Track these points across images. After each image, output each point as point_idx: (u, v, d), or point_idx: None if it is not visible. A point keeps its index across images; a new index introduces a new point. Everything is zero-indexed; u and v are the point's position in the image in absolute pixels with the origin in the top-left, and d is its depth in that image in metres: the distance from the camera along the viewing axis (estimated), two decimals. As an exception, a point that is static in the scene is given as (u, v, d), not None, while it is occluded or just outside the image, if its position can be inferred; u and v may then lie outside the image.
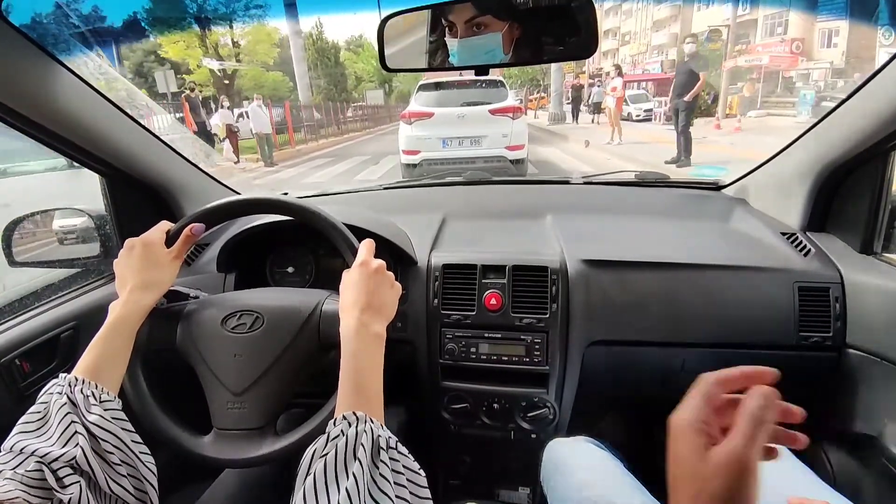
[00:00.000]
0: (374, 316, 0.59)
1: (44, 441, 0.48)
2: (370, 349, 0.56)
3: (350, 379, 0.53)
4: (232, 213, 0.72)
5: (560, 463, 0.78)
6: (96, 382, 0.54)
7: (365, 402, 0.51)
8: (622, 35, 31.34)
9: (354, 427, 0.45)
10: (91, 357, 0.57)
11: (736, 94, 14.37)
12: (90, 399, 0.53)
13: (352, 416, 0.47)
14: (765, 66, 16.07)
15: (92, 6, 14.17)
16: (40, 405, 0.51)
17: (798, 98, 13.15)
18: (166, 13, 15.06)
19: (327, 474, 0.42)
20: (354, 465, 0.42)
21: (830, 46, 15.99)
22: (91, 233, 1.04)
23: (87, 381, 0.54)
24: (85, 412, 0.51)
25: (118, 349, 0.59)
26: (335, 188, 1.49)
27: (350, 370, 0.54)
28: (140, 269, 0.64)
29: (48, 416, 0.51)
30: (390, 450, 0.45)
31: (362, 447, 0.43)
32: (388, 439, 0.46)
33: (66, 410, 0.50)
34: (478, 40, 0.73)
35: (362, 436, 0.44)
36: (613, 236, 1.08)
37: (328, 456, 0.43)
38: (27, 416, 0.51)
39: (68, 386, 0.53)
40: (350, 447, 0.43)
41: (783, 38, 17.17)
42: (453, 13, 0.73)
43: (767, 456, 0.40)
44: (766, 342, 0.91)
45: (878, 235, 0.93)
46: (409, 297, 0.97)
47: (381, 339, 0.58)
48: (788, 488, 0.64)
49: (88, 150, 0.88)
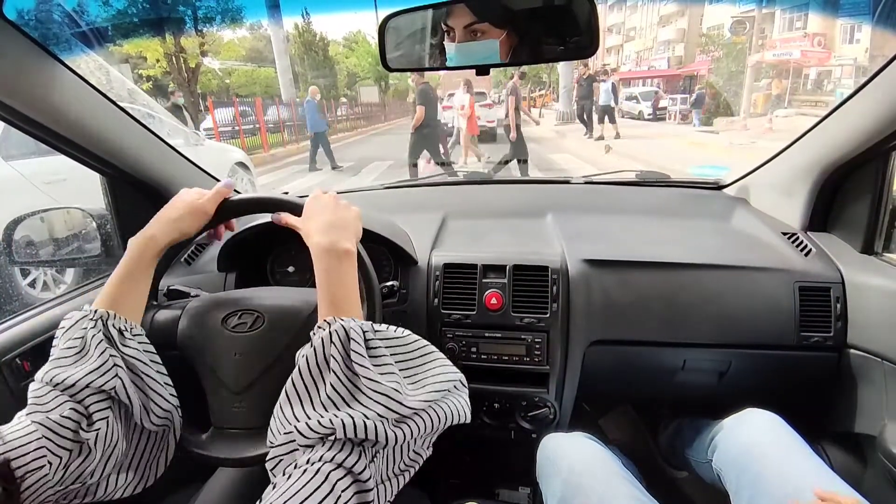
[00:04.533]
0: (340, 233, 0.61)
1: (81, 371, 0.51)
2: (342, 265, 0.58)
3: (325, 294, 0.57)
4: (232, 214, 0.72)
5: (555, 458, 0.78)
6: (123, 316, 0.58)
7: (340, 311, 0.55)
8: (627, 31, 31.12)
9: (329, 328, 0.50)
10: (113, 291, 0.60)
11: (760, 93, 13.67)
12: (125, 334, 0.57)
13: (324, 322, 0.52)
14: (794, 62, 15.29)
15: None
16: (74, 340, 0.54)
17: (835, 96, 12.35)
18: (138, 18, 13.97)
19: (310, 367, 0.49)
20: (331, 354, 0.48)
21: (853, 42, 15.32)
22: (92, 232, 1.04)
23: (116, 314, 0.57)
24: (121, 346, 0.55)
25: (137, 284, 0.62)
26: (335, 188, 1.49)
27: (324, 285, 0.57)
28: (171, 207, 0.66)
29: (86, 347, 0.53)
30: (365, 332, 0.50)
31: (334, 346, 0.49)
32: (362, 326, 0.51)
33: (105, 345, 0.54)
34: (475, 46, 0.73)
35: (334, 335, 0.49)
36: (614, 236, 1.08)
37: (309, 353, 0.50)
38: (61, 350, 0.53)
39: (101, 321, 0.55)
40: (326, 342, 0.49)
41: (805, 33, 16.42)
42: (452, 18, 0.74)
43: None
44: (766, 342, 0.91)
45: (878, 235, 0.93)
46: (410, 297, 0.97)
47: (352, 255, 0.60)
48: (815, 481, 0.64)
49: (89, 149, 0.88)
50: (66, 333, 0.55)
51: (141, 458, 0.58)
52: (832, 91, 14.13)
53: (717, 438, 0.82)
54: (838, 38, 15.98)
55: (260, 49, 22.44)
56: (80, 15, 10.25)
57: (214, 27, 14.83)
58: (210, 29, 14.58)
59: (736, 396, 0.90)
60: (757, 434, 0.75)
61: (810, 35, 16.14)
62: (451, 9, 0.74)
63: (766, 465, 0.69)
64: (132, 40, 13.05)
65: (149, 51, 13.26)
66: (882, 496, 0.82)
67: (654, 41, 27.45)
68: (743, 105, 12.86)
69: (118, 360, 0.53)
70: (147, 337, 0.61)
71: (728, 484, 0.74)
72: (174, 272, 1.02)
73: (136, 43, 13.12)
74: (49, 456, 0.46)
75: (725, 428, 0.82)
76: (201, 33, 14.12)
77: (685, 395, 1.08)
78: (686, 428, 1.06)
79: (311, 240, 0.61)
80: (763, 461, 0.70)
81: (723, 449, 0.79)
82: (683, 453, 1.00)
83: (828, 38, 16.03)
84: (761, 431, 0.76)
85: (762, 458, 0.70)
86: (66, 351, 0.53)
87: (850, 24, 15.15)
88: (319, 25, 25.21)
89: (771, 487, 0.65)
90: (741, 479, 0.71)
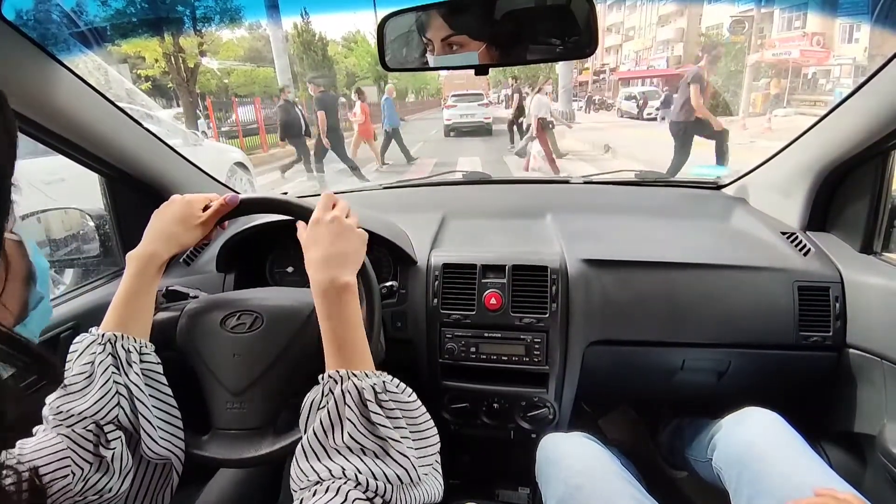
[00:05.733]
0: (338, 268, 0.58)
1: (86, 402, 0.51)
2: (342, 303, 0.56)
3: (330, 340, 0.55)
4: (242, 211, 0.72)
5: (554, 458, 0.78)
6: (132, 336, 0.57)
7: (347, 357, 0.54)
8: (626, 30, 31.12)
9: (340, 386, 0.49)
10: (119, 312, 0.59)
11: (759, 92, 13.56)
12: (132, 355, 0.56)
13: (336, 374, 0.51)
14: (793, 61, 15.24)
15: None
16: (85, 366, 0.54)
17: (834, 95, 12.23)
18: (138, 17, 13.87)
19: (324, 426, 0.48)
20: (347, 416, 0.47)
21: (852, 42, 15.34)
22: (91, 233, 1.04)
23: (124, 335, 0.56)
24: (127, 369, 0.55)
25: (142, 301, 0.61)
26: (334, 188, 1.49)
27: (328, 331, 0.55)
28: (170, 221, 0.65)
29: (93, 375, 0.53)
30: (378, 395, 0.49)
31: (348, 407, 0.48)
32: (374, 386, 0.49)
33: (112, 371, 0.54)
34: (454, 58, 0.73)
35: (346, 395, 0.48)
36: (613, 236, 1.08)
37: (322, 412, 0.49)
38: (73, 377, 0.53)
39: (109, 343, 0.55)
40: (340, 404, 0.48)
41: (804, 33, 16.41)
42: (430, 31, 0.73)
43: None
44: (765, 342, 0.91)
45: (877, 235, 0.93)
46: (409, 297, 0.97)
47: (352, 289, 0.57)
48: (815, 479, 0.64)
49: (87, 149, 0.88)
50: (78, 359, 0.55)
51: (148, 486, 0.57)
52: (831, 90, 14.09)
53: (716, 438, 0.82)
54: (837, 38, 15.97)
55: (259, 49, 22.34)
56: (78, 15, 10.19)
57: (213, 27, 14.78)
58: (209, 29, 14.52)
59: (735, 396, 0.90)
60: (757, 433, 0.75)
61: (809, 34, 16.11)
62: (428, 21, 0.73)
63: (766, 464, 0.69)
64: (131, 40, 12.95)
65: (147, 51, 13.12)
66: (881, 495, 0.82)
67: (653, 41, 27.47)
68: (742, 105, 12.77)
69: (122, 389, 0.53)
70: None
71: (728, 483, 0.74)
72: (173, 272, 1.02)
73: (135, 43, 13.01)
74: (73, 466, 0.48)
75: (725, 427, 0.82)
76: (200, 33, 14.05)
77: (684, 395, 1.08)
78: (685, 427, 1.06)
79: (310, 273, 0.59)
80: (763, 460, 0.70)
81: (722, 448, 0.79)
82: (683, 453, 1.00)
83: (827, 37, 16.01)
84: (761, 430, 0.76)
85: (762, 457, 0.70)
86: (76, 377, 0.53)
87: (848, 24, 15.13)
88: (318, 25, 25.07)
89: (771, 487, 0.65)
90: (741, 479, 0.71)
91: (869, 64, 13.56)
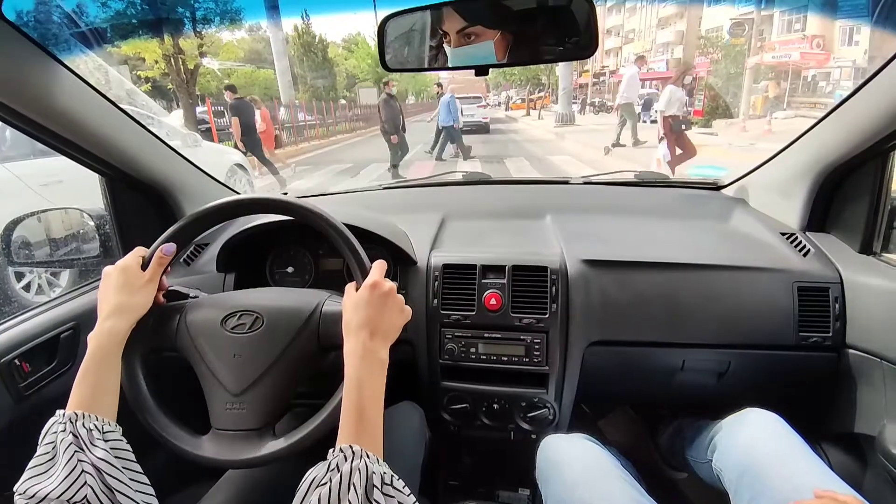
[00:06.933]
0: (380, 341, 0.59)
1: (52, 482, 0.49)
2: (374, 376, 0.57)
3: (353, 407, 0.54)
4: (233, 214, 0.72)
5: (554, 459, 0.78)
6: (95, 414, 0.55)
7: (365, 432, 0.52)
8: (626, 33, 31.18)
9: (350, 463, 0.47)
10: (82, 391, 0.57)
11: (759, 95, 13.37)
12: (93, 433, 0.53)
13: (349, 449, 0.48)
14: (792, 64, 15.18)
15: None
16: (47, 445, 0.52)
17: (834, 98, 12.29)
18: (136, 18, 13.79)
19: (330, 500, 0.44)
20: (348, 497, 0.44)
21: (852, 44, 15.30)
22: (91, 232, 1.04)
23: (86, 414, 0.54)
24: (90, 447, 0.52)
25: (106, 378, 0.59)
26: (334, 188, 1.49)
27: (354, 397, 0.54)
28: (114, 294, 0.63)
29: (56, 456, 0.51)
30: (385, 486, 0.46)
31: (353, 487, 0.45)
32: (383, 475, 0.47)
33: (74, 449, 0.51)
34: (471, 49, 0.73)
35: (355, 473, 0.46)
36: (613, 236, 1.08)
37: (323, 489, 0.45)
38: (36, 458, 0.52)
39: (70, 422, 0.53)
40: (344, 483, 0.45)
41: (804, 35, 16.38)
42: (445, 23, 0.74)
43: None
44: (765, 342, 0.91)
45: (877, 235, 0.93)
46: (409, 297, 0.97)
47: (385, 365, 0.59)
48: (815, 480, 0.64)
49: (88, 149, 0.88)
50: (43, 440, 0.53)
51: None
52: (831, 93, 14.08)
53: (716, 438, 0.82)
54: (837, 40, 15.96)
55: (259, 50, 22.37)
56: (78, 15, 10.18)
57: (213, 28, 14.76)
58: (209, 30, 14.50)
59: (735, 397, 0.90)
60: (757, 434, 0.75)
61: (809, 37, 16.09)
62: (443, 14, 0.74)
63: (766, 465, 0.69)
64: (131, 41, 12.93)
65: (147, 52, 13.08)
66: (881, 496, 0.82)
67: (652, 43, 27.51)
68: (742, 107, 12.70)
69: (87, 466, 0.51)
70: (141, 355, 0.59)
71: (728, 484, 0.74)
72: (173, 273, 1.01)
73: (135, 44, 12.98)
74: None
75: (725, 428, 0.82)
76: (200, 34, 14.02)
77: (684, 396, 1.08)
78: (685, 428, 1.06)
79: (349, 332, 0.58)
80: (763, 461, 0.70)
81: (723, 449, 0.79)
82: (683, 454, 1.00)
83: (827, 39, 16.00)
84: (761, 431, 0.75)
85: (762, 458, 0.70)
86: (40, 458, 0.52)
87: (849, 26, 15.08)
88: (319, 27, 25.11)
89: (771, 488, 0.65)
90: (741, 480, 0.71)
91: (868, 66, 13.48)
